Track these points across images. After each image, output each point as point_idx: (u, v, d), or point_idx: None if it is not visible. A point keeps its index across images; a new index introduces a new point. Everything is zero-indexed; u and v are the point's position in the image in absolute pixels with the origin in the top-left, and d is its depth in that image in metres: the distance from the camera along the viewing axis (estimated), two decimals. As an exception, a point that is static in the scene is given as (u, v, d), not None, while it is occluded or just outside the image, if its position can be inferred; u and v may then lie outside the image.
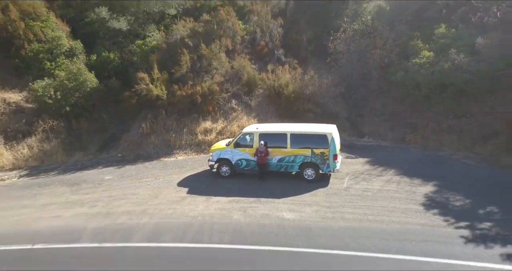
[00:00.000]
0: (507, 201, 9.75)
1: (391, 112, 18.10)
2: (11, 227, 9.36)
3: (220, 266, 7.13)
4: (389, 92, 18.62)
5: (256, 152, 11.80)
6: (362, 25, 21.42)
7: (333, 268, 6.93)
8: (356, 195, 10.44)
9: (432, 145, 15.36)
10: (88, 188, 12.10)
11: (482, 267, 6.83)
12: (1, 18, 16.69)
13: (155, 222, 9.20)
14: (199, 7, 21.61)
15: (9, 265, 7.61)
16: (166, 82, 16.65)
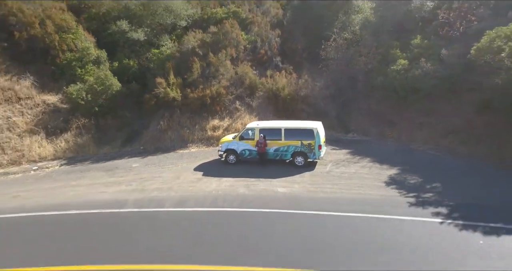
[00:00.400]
0: (450, 179, 12.60)
1: (374, 111, 20.91)
2: (70, 199, 12.22)
3: (231, 222, 9.99)
4: (372, 94, 21.43)
5: (257, 143, 14.67)
6: (350, 34, 24.32)
7: (312, 223, 9.78)
8: (335, 176, 13.30)
9: (406, 138, 18.20)
10: (121, 173, 14.97)
11: (417, 220, 9.67)
12: (39, 31, 19.54)
13: (180, 195, 12.06)
14: (207, 18, 24.46)
15: (76, 225, 10.45)
16: (180, 86, 19.52)
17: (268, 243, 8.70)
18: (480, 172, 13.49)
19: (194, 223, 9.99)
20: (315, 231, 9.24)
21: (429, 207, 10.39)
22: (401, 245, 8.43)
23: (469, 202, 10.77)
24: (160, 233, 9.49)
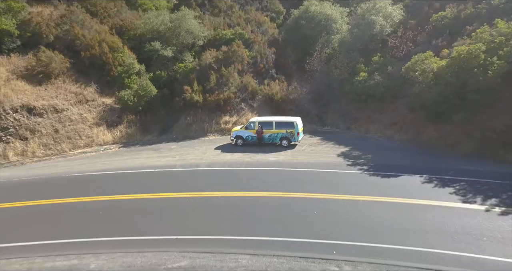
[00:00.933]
0: (380, 153, 19.69)
1: (344, 111, 28.03)
2: (138, 165, 19.36)
3: (241, 173, 17.11)
4: (343, 98, 28.55)
5: (256, 131, 21.81)
6: (330, 50, 31.50)
7: (288, 173, 16.91)
8: (307, 152, 20.45)
9: (364, 130, 25.32)
10: (165, 151, 22.14)
11: (348, 172, 16.78)
12: (97, 51, 26.71)
13: (208, 161, 19.20)
14: (219, 38, 31.63)
15: (148, 177, 17.56)
16: (201, 92, 26.71)
17: (263, 181, 15.81)
18: (404, 149, 20.64)
19: (219, 174, 17.12)
20: (289, 176, 16.37)
21: (357, 166, 17.53)
22: (336, 182, 15.53)
23: (387, 163, 17.88)
24: (200, 179, 16.61)
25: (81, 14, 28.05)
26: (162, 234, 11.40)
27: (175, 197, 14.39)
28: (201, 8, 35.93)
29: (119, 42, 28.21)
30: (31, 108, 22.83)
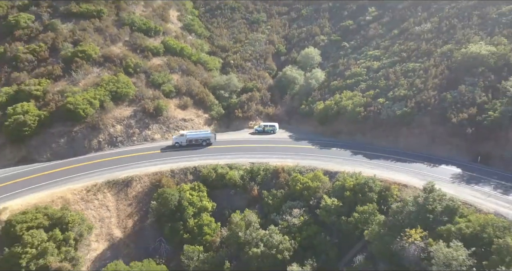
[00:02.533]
0: (302, 134, 61.54)
1: (299, 119, 69.69)
2: (235, 138, 61.46)
3: (257, 141, 59.18)
4: (298, 114, 70.14)
5: (264, 128, 63.82)
6: (294, 92, 73.12)
7: (270, 140, 59.00)
8: (278, 135, 62.36)
9: (315, 131, 66.87)
10: (234, 133, 64.25)
11: (286, 140, 58.78)
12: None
13: (246, 138, 61.20)
14: (246, 88, 73.19)
15: (227, 144, 59.55)
16: (241, 112, 68.62)
17: (265, 140, 57.68)
18: (310, 133, 62.46)
19: (253, 141, 58.99)
20: (270, 140, 58.25)
21: (296, 141, 59.38)
22: (279, 141, 57.48)
23: (302, 137, 59.64)
24: (248, 142, 58.53)
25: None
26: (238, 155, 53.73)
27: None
28: (237, 69, 77.52)
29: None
30: (184, 119, 64.76)
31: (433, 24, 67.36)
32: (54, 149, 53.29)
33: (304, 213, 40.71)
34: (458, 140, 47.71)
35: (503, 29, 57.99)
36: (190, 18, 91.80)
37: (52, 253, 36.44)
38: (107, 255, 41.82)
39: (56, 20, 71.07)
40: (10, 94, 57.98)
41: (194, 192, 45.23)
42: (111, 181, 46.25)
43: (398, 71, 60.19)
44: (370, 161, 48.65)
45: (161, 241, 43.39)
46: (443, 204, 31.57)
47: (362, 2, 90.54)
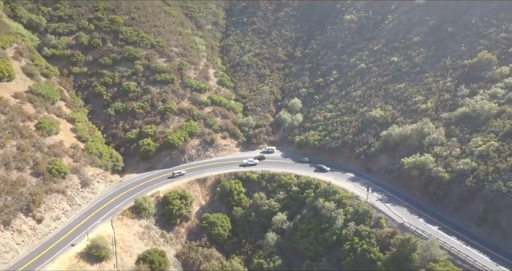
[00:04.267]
0: (288, 152, 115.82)
1: (291, 146, 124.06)
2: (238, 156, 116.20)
3: (267, 164, 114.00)
4: (291, 142, 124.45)
5: (268, 150, 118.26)
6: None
7: (272, 158, 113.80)
8: (276, 154, 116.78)
9: (295, 152, 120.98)
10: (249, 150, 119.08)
11: (279, 155, 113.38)
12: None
13: (257, 154, 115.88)
14: (257, 125, 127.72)
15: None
16: (256, 139, 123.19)
17: (266, 161, 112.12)
18: (295, 153, 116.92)
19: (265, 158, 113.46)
20: (267, 158, 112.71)
21: (283, 156, 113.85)
22: (273, 157, 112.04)
23: (289, 155, 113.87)
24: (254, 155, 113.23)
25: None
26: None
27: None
28: (252, 112, 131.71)
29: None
30: (225, 144, 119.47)
31: (362, 92, 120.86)
32: (164, 162, 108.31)
33: (285, 194, 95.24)
34: (357, 160, 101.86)
35: (392, 100, 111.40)
36: (221, 74, 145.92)
37: (182, 208, 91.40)
38: (200, 211, 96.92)
39: (149, 86, 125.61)
40: (136, 133, 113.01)
41: (236, 184, 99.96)
42: (197, 179, 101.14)
43: (338, 121, 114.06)
44: (319, 171, 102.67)
45: (221, 206, 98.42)
46: (333, 188, 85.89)
47: (330, 64, 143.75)
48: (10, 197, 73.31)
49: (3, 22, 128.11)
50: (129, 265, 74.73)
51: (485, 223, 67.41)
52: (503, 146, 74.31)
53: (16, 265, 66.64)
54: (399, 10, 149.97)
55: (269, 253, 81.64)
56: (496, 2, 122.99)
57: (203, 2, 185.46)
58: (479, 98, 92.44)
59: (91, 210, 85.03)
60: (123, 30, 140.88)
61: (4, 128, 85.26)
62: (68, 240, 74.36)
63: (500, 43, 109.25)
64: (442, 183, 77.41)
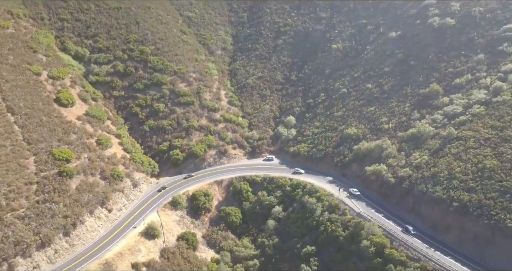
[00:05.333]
0: (285, 160, 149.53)
1: (287, 156, 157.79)
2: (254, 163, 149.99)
3: (264, 164, 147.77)
4: (288, 152, 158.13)
5: (268, 158, 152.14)
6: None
7: (269, 163, 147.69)
8: (273, 162, 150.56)
9: (290, 160, 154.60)
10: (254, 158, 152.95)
11: (276, 163, 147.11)
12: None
13: (259, 162, 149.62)
14: (260, 137, 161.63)
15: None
16: (260, 150, 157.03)
17: (267, 167, 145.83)
18: (293, 162, 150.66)
19: (261, 163, 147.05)
20: (268, 164, 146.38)
21: (280, 163, 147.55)
22: (270, 164, 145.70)
23: (286, 163, 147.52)
24: (260, 168, 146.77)
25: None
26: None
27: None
28: (255, 127, 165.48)
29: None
30: (235, 154, 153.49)
31: (342, 112, 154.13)
32: (189, 168, 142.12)
33: (281, 192, 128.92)
34: (336, 167, 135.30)
35: (364, 120, 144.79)
36: (230, 95, 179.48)
37: (206, 203, 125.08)
38: (218, 205, 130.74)
39: (174, 107, 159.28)
40: (167, 146, 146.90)
41: (244, 185, 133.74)
42: (215, 181, 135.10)
43: (322, 136, 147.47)
44: (306, 174, 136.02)
45: (234, 201, 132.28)
46: (315, 188, 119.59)
47: (319, 87, 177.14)
48: (91, 194, 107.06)
49: (58, 55, 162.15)
50: (172, 241, 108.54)
51: (413, 212, 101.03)
52: (431, 159, 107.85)
53: (100, 240, 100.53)
54: (376, 42, 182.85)
55: (269, 234, 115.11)
56: (448, 41, 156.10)
57: (214, 29, 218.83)
58: (424, 122, 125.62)
59: (141, 204, 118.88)
60: (151, 59, 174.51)
61: (77, 145, 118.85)
62: (131, 224, 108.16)
63: (447, 76, 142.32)
64: (389, 185, 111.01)
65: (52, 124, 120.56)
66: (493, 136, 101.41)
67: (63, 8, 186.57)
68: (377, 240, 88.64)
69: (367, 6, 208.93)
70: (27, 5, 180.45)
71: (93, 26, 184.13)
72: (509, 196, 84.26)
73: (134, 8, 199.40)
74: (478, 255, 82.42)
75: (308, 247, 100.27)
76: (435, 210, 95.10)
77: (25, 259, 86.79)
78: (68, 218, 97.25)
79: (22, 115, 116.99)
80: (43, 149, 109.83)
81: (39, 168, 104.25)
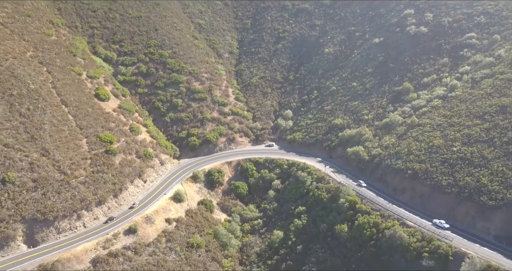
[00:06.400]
0: (283, 146, 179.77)
1: (284, 142, 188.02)
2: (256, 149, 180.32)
3: (266, 149, 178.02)
4: (285, 139, 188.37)
5: (269, 144, 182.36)
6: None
7: (271, 149, 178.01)
8: (274, 148, 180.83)
9: (287, 146, 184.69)
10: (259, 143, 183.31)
11: (278, 151, 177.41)
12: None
13: (262, 148, 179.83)
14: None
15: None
16: (263, 137, 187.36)
17: (269, 151, 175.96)
18: (288, 148, 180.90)
19: (264, 149, 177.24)
20: (269, 150, 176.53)
21: (279, 148, 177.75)
22: (270, 149, 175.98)
23: (285, 148, 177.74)
24: (262, 152, 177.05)
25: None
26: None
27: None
28: (259, 119, 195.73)
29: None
30: (242, 141, 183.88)
31: (331, 107, 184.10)
32: (204, 152, 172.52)
33: (279, 170, 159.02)
34: (324, 151, 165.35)
35: (349, 112, 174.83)
36: (237, 93, 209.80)
37: (219, 178, 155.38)
38: (228, 180, 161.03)
39: (190, 102, 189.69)
40: (185, 134, 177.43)
41: (250, 165, 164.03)
42: (226, 161, 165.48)
43: (314, 126, 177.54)
44: (300, 156, 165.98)
45: (241, 177, 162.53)
46: (307, 166, 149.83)
47: (313, 86, 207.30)
48: (130, 168, 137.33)
49: (92, 58, 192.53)
50: (194, 205, 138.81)
51: (381, 180, 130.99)
52: (396, 141, 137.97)
53: (140, 202, 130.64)
54: (362, 47, 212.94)
55: (270, 201, 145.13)
56: (421, 46, 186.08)
57: (221, 35, 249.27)
58: (396, 113, 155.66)
59: (168, 178, 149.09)
60: (169, 61, 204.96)
61: (116, 131, 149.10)
62: (161, 192, 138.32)
63: (418, 76, 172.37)
64: (364, 161, 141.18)
65: (95, 114, 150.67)
66: (443, 122, 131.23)
67: (92, 17, 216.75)
68: (351, 198, 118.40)
69: (356, 15, 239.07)
70: (62, 14, 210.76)
71: (118, 33, 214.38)
72: (447, 164, 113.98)
73: (152, 16, 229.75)
74: (422, 207, 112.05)
75: (300, 208, 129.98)
76: (396, 177, 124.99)
77: (88, 212, 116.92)
78: (116, 184, 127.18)
79: (73, 107, 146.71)
80: (92, 133, 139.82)
81: (90, 147, 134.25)
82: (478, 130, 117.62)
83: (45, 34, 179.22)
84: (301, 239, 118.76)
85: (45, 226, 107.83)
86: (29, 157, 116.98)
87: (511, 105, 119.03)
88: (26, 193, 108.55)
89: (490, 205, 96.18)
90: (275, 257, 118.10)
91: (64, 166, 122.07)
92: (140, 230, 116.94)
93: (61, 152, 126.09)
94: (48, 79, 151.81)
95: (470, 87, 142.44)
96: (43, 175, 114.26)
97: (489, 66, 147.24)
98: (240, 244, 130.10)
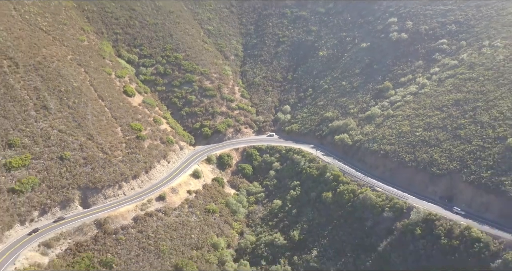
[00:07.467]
0: (283, 135, 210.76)
1: (284, 133, 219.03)
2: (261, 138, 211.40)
3: (267, 138, 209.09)
4: (283, 129, 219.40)
5: (270, 134, 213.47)
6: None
7: (274, 138, 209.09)
8: (274, 137, 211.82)
9: (286, 136, 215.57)
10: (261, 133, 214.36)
11: (277, 139, 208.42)
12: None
13: (266, 137, 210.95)
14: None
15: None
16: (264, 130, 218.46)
17: (270, 140, 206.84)
18: (286, 137, 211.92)
19: (267, 139, 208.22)
20: (271, 139, 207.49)
21: (278, 137, 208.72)
22: (271, 138, 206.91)
23: (284, 137, 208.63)
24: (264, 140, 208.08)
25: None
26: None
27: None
28: (261, 113, 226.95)
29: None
30: (247, 131, 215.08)
31: (323, 102, 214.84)
32: (215, 140, 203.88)
33: (278, 154, 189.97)
34: (316, 139, 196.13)
35: (338, 107, 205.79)
36: (242, 90, 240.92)
37: (228, 161, 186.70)
38: (236, 163, 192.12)
39: (203, 98, 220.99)
40: (199, 125, 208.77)
41: (254, 150, 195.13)
42: (234, 148, 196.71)
43: (309, 119, 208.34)
44: (296, 144, 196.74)
45: (247, 161, 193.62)
46: (301, 150, 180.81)
47: (308, 84, 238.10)
48: (157, 151, 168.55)
49: (117, 60, 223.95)
50: (209, 181, 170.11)
51: (362, 161, 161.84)
52: (374, 129, 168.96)
53: (165, 178, 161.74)
54: (351, 50, 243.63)
55: (271, 179, 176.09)
56: (401, 51, 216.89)
57: (228, 39, 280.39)
58: (376, 107, 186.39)
59: (186, 160, 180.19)
60: (183, 63, 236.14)
61: (143, 121, 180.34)
62: (182, 170, 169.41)
63: (397, 76, 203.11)
64: (348, 146, 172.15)
65: (125, 107, 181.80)
66: (411, 113, 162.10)
67: (116, 24, 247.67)
68: (335, 173, 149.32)
69: (347, 22, 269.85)
70: (90, 22, 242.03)
71: (138, 38, 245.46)
72: (410, 145, 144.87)
73: (167, 23, 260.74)
74: (391, 179, 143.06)
75: (295, 182, 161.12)
76: (372, 157, 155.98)
77: (126, 183, 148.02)
78: (146, 163, 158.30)
79: (108, 101, 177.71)
80: (124, 122, 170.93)
81: (124, 134, 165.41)
82: (436, 119, 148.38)
83: (79, 40, 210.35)
84: (295, 205, 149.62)
85: (95, 192, 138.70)
86: (78, 140, 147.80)
87: (463, 99, 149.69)
88: (79, 167, 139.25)
89: (438, 173, 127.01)
90: (274, 220, 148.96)
91: (106, 148, 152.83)
92: (168, 198, 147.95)
93: (102, 137, 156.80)
94: (86, 78, 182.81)
95: (436, 85, 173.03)
96: (91, 154, 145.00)
97: (453, 68, 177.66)
98: (246, 211, 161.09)
